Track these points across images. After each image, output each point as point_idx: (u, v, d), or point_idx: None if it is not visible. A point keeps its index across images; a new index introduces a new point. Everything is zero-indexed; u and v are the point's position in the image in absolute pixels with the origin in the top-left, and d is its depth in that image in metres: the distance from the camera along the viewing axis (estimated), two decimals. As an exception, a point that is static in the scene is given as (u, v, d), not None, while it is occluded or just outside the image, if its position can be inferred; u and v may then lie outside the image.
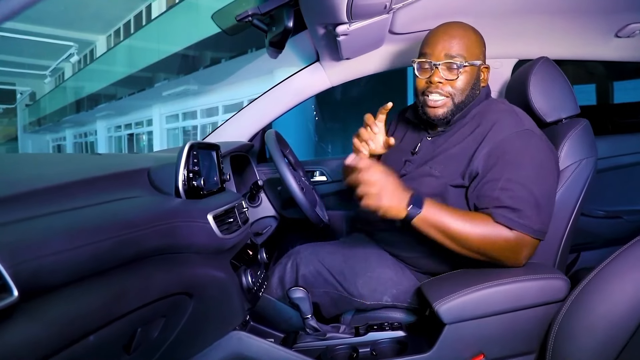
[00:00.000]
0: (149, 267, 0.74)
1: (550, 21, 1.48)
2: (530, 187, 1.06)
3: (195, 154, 0.96)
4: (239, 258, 1.11)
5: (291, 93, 1.74)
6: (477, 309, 1.04)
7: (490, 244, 1.06)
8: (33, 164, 0.88)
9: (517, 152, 1.09)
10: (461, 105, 1.19)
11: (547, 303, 1.05)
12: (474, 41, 1.18)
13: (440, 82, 1.16)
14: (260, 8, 1.09)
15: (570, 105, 1.30)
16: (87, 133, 20.17)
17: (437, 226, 1.04)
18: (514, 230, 1.04)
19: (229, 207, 1.02)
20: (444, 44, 1.15)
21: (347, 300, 1.25)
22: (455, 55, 1.14)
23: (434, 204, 1.05)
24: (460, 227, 1.04)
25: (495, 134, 1.12)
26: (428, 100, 1.18)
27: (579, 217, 1.25)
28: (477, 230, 1.05)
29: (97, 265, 0.62)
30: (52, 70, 20.49)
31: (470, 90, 1.18)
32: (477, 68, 1.19)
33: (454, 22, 1.20)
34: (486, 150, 1.11)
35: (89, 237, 0.61)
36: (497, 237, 1.05)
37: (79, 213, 0.66)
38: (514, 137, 1.11)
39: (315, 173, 1.92)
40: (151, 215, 0.77)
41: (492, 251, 1.07)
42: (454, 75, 1.15)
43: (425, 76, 1.18)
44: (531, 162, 1.09)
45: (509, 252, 1.07)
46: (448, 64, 1.15)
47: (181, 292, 0.82)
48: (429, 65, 1.17)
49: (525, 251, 1.08)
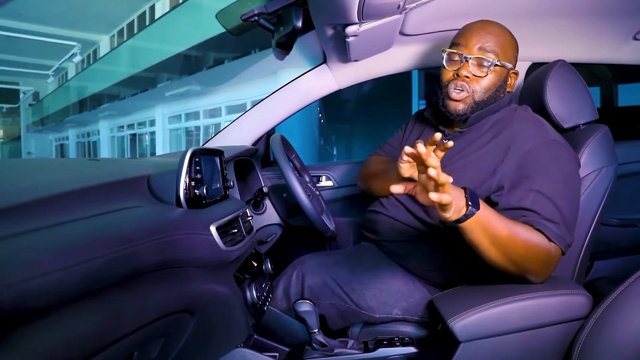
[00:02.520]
0: (147, 284, 0.68)
1: (566, 23, 1.43)
2: (560, 200, 1.01)
3: (197, 160, 0.90)
4: (243, 269, 1.06)
5: (297, 96, 1.68)
6: (494, 326, 0.99)
7: (532, 254, 0.97)
8: (23, 173, 0.83)
9: (545, 164, 1.04)
10: (481, 104, 1.14)
11: (569, 320, 1.00)
12: (509, 43, 1.15)
13: (468, 76, 1.12)
14: (267, 7, 1.03)
15: (588, 110, 1.24)
16: (89, 133, 20.16)
17: (488, 229, 0.91)
18: (552, 242, 0.98)
19: (233, 216, 0.97)
20: (480, 37, 1.11)
21: (355, 313, 1.20)
22: (489, 51, 1.10)
23: (485, 204, 0.92)
24: (510, 231, 0.93)
25: (520, 146, 1.07)
26: (451, 92, 1.14)
27: (598, 227, 1.19)
28: (523, 236, 0.95)
29: (89, 285, 0.57)
30: (55, 70, 20.50)
31: (494, 92, 1.14)
32: (506, 71, 1.15)
33: (492, 20, 1.16)
34: (513, 163, 1.06)
35: (80, 255, 0.56)
36: (538, 247, 0.97)
37: (69, 228, 0.61)
38: (541, 148, 1.06)
39: (321, 178, 1.86)
40: (149, 228, 0.71)
41: (531, 262, 0.98)
42: (483, 72, 1.11)
43: (453, 68, 1.14)
44: (560, 174, 1.04)
45: (543, 265, 1.01)
46: (479, 60, 1.11)
47: (181, 310, 0.76)
48: (459, 57, 1.13)
49: (553, 265, 1.03)
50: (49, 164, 0.94)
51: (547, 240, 0.98)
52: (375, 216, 1.28)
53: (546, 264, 1.01)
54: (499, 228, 0.92)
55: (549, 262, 1.01)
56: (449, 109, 1.15)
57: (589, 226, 1.18)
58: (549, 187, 1.02)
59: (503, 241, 0.93)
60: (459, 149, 1.17)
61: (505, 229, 0.93)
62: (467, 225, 0.89)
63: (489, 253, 0.94)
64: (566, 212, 1.01)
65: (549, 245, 0.98)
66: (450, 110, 1.15)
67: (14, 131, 26.05)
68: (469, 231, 0.91)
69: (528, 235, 0.96)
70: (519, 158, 1.06)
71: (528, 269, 1.00)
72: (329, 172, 1.88)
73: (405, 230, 1.21)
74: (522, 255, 0.96)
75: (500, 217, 0.94)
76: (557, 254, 1.00)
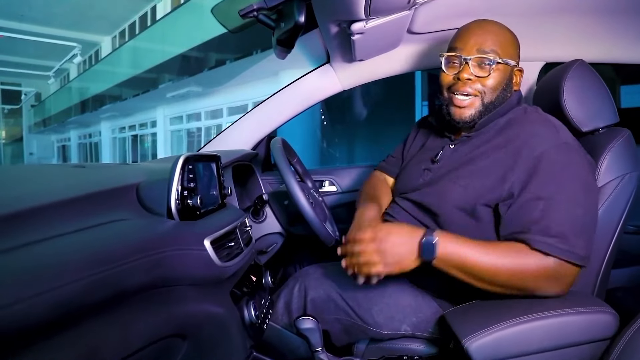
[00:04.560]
0: (131, 309, 0.61)
1: (583, 21, 1.35)
2: (573, 208, 0.94)
3: (190, 168, 0.83)
4: (241, 285, 0.98)
5: (299, 97, 1.62)
6: (513, 347, 0.91)
7: (523, 277, 0.94)
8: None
9: (557, 169, 0.97)
10: (490, 107, 1.07)
11: (594, 341, 0.92)
12: (509, 40, 1.08)
13: (470, 79, 1.05)
14: (267, 2, 0.97)
15: (608, 113, 1.17)
16: (91, 134, 20.16)
17: (459, 266, 0.94)
18: (552, 257, 0.91)
19: (230, 228, 0.89)
20: (477, 38, 1.05)
21: (360, 329, 1.12)
22: (488, 50, 1.04)
23: (452, 239, 0.94)
24: (486, 261, 0.93)
25: (531, 149, 1.00)
26: (454, 98, 1.07)
27: (620, 238, 1.12)
28: (506, 262, 0.93)
29: (62, 316, 0.49)
30: (56, 71, 20.51)
31: (502, 91, 1.08)
32: (510, 68, 1.08)
33: (488, 19, 1.10)
34: (523, 168, 0.99)
35: (50, 281, 0.49)
36: (530, 268, 0.93)
37: (39, 248, 0.53)
38: (553, 151, 0.98)
39: (324, 183, 1.79)
40: (135, 245, 0.64)
41: (527, 284, 0.95)
42: (485, 72, 1.05)
43: (453, 72, 1.08)
44: (573, 180, 0.97)
45: (547, 283, 0.94)
46: (480, 59, 1.04)
47: (172, 335, 0.69)
48: (458, 60, 1.06)
49: (568, 280, 0.95)
50: (27, 172, 0.87)
51: (543, 256, 0.92)
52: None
53: (552, 281, 0.95)
54: (473, 260, 0.93)
55: (556, 277, 0.94)
56: (454, 117, 1.09)
57: (610, 237, 1.10)
58: (561, 195, 0.95)
59: (482, 273, 0.94)
60: (466, 155, 1.10)
61: (482, 259, 0.93)
62: (436, 266, 0.94)
63: (477, 285, 0.96)
64: (581, 221, 0.94)
65: (547, 261, 0.92)
66: (456, 118, 1.08)
67: (16, 132, 26.09)
68: (442, 270, 0.95)
69: (513, 257, 0.94)
70: (530, 163, 0.99)
71: (529, 290, 0.96)
72: (332, 176, 1.81)
73: None
74: (510, 280, 0.95)
75: (478, 245, 0.94)
76: (565, 269, 0.93)
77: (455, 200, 1.04)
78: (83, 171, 0.90)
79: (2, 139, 25.79)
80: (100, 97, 15.79)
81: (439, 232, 0.95)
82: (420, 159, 1.22)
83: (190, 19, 10.55)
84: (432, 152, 1.19)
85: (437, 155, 1.17)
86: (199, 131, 12.16)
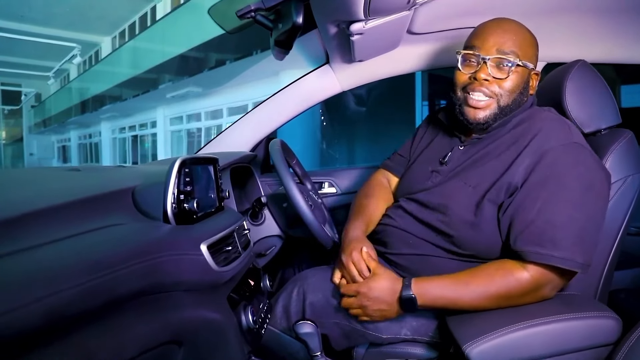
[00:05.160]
0: (126, 316, 0.60)
1: (584, 21, 1.34)
2: (573, 211, 0.93)
3: (187, 171, 0.82)
4: (239, 289, 0.97)
5: (298, 98, 1.60)
6: (514, 353, 0.89)
7: (510, 297, 0.96)
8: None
9: (562, 169, 0.95)
10: (506, 110, 1.05)
11: (596, 346, 0.91)
12: (528, 41, 1.06)
13: (487, 79, 1.02)
14: (264, 2, 0.95)
15: (610, 114, 1.16)
16: (91, 134, 20.16)
17: (443, 305, 0.98)
18: (546, 267, 0.93)
19: (228, 232, 0.88)
20: (497, 38, 1.02)
21: (360, 333, 1.11)
22: (508, 51, 1.01)
23: (429, 286, 0.98)
24: (469, 294, 0.96)
25: (538, 145, 0.98)
26: (469, 98, 1.04)
27: (624, 240, 1.10)
28: (491, 289, 0.95)
29: (54, 324, 0.48)
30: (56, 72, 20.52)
31: (519, 94, 1.05)
32: (528, 71, 1.06)
33: (508, 18, 1.07)
34: (527, 163, 0.97)
35: (43, 289, 0.47)
36: (520, 287, 0.94)
37: (34, 255, 0.52)
38: (560, 150, 0.96)
39: (324, 184, 1.78)
40: (130, 251, 0.63)
41: (516, 302, 0.97)
42: (504, 74, 1.02)
43: (469, 71, 1.05)
44: (578, 181, 0.94)
45: (540, 292, 0.96)
46: (498, 60, 1.02)
47: (167, 342, 0.68)
48: (476, 59, 1.03)
49: (563, 284, 0.97)
50: (20, 177, 0.85)
51: (539, 270, 0.93)
52: (382, 227, 1.19)
53: (548, 289, 0.96)
54: (461, 300, 0.96)
55: (553, 287, 0.96)
56: (468, 117, 1.06)
57: (613, 240, 1.09)
58: (562, 196, 0.93)
59: (472, 305, 0.96)
60: (475, 155, 1.09)
61: (469, 296, 0.96)
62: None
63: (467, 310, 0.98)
64: (580, 225, 0.92)
65: (539, 275, 0.93)
66: (470, 119, 1.06)
67: (16, 133, 26.09)
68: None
69: (506, 284, 0.95)
70: (534, 158, 0.97)
71: (524, 303, 0.97)
72: (332, 178, 1.79)
73: (416, 242, 1.12)
74: (503, 301, 0.96)
75: (462, 285, 0.96)
76: (564, 275, 0.95)
77: (465, 201, 1.03)
78: (78, 175, 0.89)
79: (3, 140, 25.79)
80: (100, 97, 15.79)
81: (416, 283, 0.98)
82: (428, 159, 1.20)
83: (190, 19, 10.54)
84: (441, 152, 1.17)
85: (445, 156, 1.15)
86: (199, 131, 12.15)
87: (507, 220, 0.98)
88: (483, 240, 1.01)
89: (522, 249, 0.94)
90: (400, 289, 0.98)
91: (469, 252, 1.04)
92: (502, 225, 0.99)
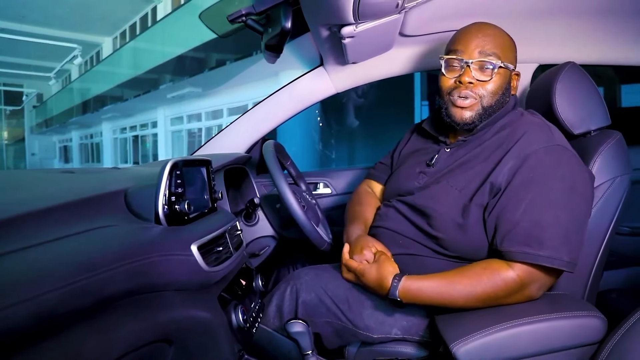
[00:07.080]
0: (115, 315, 0.61)
1: (576, 23, 1.35)
2: (558, 211, 0.94)
3: (179, 173, 0.83)
4: (230, 289, 0.99)
5: (293, 100, 1.61)
6: (500, 352, 0.91)
7: (497, 296, 0.97)
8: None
9: (545, 171, 0.97)
10: (489, 111, 1.08)
11: (582, 345, 0.92)
12: (508, 44, 1.09)
13: (471, 82, 1.05)
14: (255, 7, 0.96)
15: (600, 115, 1.17)
16: (92, 135, 20.20)
17: (428, 302, 1.00)
18: (533, 266, 0.94)
19: (219, 233, 0.90)
20: (478, 41, 1.05)
21: (351, 332, 1.12)
22: (490, 53, 1.04)
23: (414, 285, 0.99)
24: (455, 294, 0.97)
25: (521, 148, 1.00)
26: (456, 99, 1.07)
27: (612, 240, 1.12)
28: (478, 289, 0.96)
29: (42, 325, 0.50)
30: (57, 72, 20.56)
31: (501, 95, 1.08)
32: (509, 72, 1.09)
33: (487, 22, 1.10)
34: (510, 165, 0.99)
35: (32, 289, 0.49)
36: (507, 286, 0.96)
37: (23, 256, 0.54)
38: (542, 152, 0.98)
39: (319, 185, 1.79)
40: (119, 252, 0.64)
41: (504, 301, 0.98)
42: (487, 76, 1.05)
43: (453, 75, 1.07)
44: (561, 182, 0.96)
45: (527, 291, 0.97)
46: (481, 63, 1.04)
47: (157, 340, 0.69)
48: (459, 63, 1.06)
49: (550, 282, 0.98)
50: (13, 179, 0.87)
51: (526, 269, 0.95)
52: (375, 230, 1.21)
53: (535, 289, 0.98)
54: (447, 299, 0.98)
55: (539, 286, 0.98)
56: (455, 118, 1.08)
57: (601, 240, 1.10)
58: (546, 197, 0.95)
59: (457, 303, 0.98)
60: (462, 158, 1.10)
61: (455, 296, 0.97)
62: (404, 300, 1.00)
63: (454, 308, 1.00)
64: (565, 225, 0.94)
65: (526, 274, 0.95)
66: (457, 119, 1.08)
67: (18, 133, 26.17)
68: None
69: (492, 283, 0.95)
70: (517, 160, 1.00)
71: (512, 303, 0.98)
72: (327, 178, 1.80)
73: (406, 242, 1.14)
74: (491, 301, 0.97)
75: (448, 284, 0.97)
76: (550, 274, 0.96)
77: (451, 204, 1.05)
78: (72, 177, 0.91)
79: (5, 140, 25.86)
80: (102, 97, 15.83)
81: (403, 282, 0.99)
82: (416, 162, 1.22)
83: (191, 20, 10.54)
84: (427, 155, 1.20)
85: (432, 159, 1.17)
86: (200, 131, 12.17)
87: (493, 222, 1.00)
88: (470, 242, 1.03)
89: (509, 249, 0.95)
90: (389, 286, 1.00)
91: (456, 253, 1.06)
92: (487, 227, 1.01)
